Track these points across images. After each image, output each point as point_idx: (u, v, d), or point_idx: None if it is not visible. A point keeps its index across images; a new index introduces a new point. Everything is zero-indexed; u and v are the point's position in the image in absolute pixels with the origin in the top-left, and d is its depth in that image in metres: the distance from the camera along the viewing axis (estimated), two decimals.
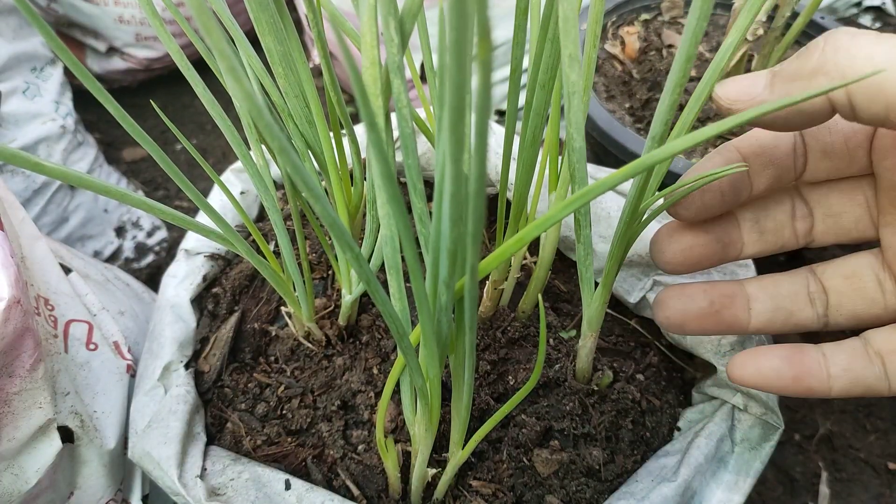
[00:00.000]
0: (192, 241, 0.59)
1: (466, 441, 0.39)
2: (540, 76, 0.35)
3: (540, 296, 0.38)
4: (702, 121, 0.84)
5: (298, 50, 0.38)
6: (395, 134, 0.58)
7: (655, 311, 0.42)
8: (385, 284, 0.33)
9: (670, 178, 0.46)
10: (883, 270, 0.37)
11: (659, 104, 0.34)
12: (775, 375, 0.37)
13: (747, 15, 0.31)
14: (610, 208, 0.58)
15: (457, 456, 0.39)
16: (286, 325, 0.54)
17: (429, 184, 0.65)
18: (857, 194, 0.38)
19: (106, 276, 0.68)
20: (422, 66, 1.09)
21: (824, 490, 0.72)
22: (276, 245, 0.58)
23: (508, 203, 0.46)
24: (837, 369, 0.36)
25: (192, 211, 1.06)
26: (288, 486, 0.43)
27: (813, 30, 0.95)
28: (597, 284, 0.43)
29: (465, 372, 0.33)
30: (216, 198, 0.62)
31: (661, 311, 0.41)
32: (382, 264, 0.36)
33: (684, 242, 0.39)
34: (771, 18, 0.83)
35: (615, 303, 0.57)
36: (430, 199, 0.59)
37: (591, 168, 0.62)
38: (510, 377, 0.49)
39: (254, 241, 0.59)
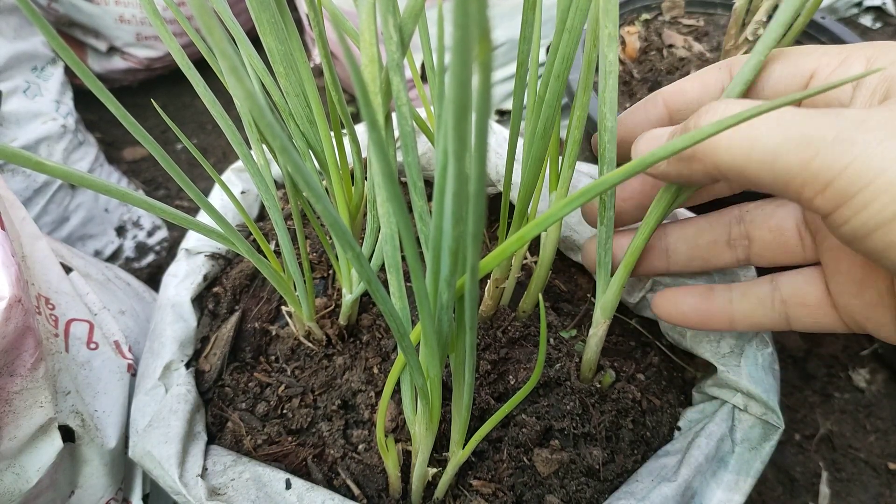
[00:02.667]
0: (192, 240, 0.59)
1: (467, 440, 0.39)
2: (556, 66, 0.36)
3: (541, 295, 0.38)
4: None
5: (299, 49, 0.38)
6: (396, 133, 0.58)
7: (584, 256, 0.47)
8: (385, 284, 0.33)
9: None
10: (805, 228, 0.41)
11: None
12: (691, 313, 0.43)
13: (779, 24, 0.31)
14: None
15: (457, 455, 0.39)
16: (287, 324, 0.54)
17: (428, 183, 0.65)
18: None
19: (107, 276, 0.68)
20: (422, 65, 1.09)
21: (824, 490, 0.72)
22: (277, 244, 0.58)
23: (510, 203, 0.46)
24: (740, 315, 0.42)
25: (193, 210, 1.06)
26: (288, 485, 0.43)
27: (813, 29, 0.95)
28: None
29: (465, 371, 0.33)
30: (217, 197, 0.62)
31: (585, 256, 0.46)
32: (383, 264, 0.36)
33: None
34: (771, 18, 0.83)
35: None
36: (429, 198, 0.59)
37: (593, 168, 0.62)
38: (511, 377, 0.49)
39: (254, 240, 0.59)
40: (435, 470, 0.41)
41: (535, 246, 0.59)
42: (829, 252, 0.38)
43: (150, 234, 1.04)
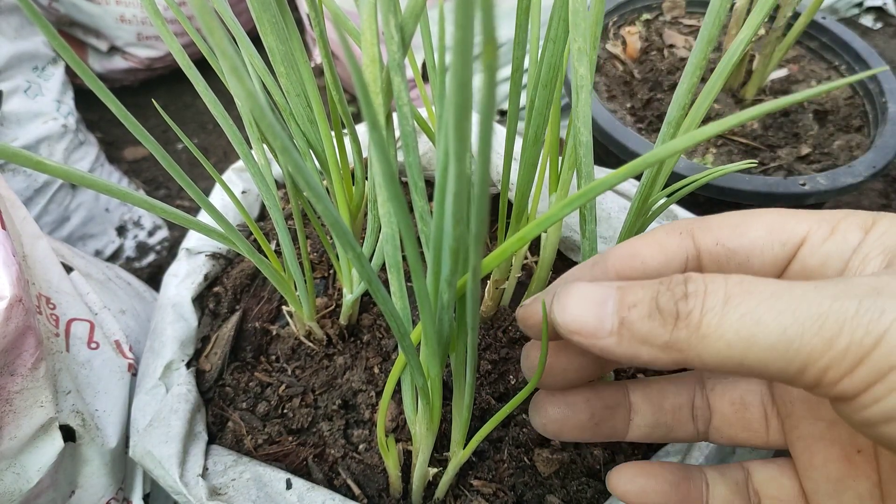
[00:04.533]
0: (193, 240, 0.59)
1: (468, 441, 0.38)
2: (542, 75, 0.35)
3: None
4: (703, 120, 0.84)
5: (300, 49, 0.38)
6: (397, 133, 0.58)
7: (532, 414, 0.38)
8: (386, 283, 0.33)
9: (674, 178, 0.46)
10: (772, 406, 0.35)
11: (678, 87, 0.34)
12: (660, 500, 0.35)
13: (759, 13, 0.31)
14: (610, 209, 0.58)
15: (458, 455, 0.39)
16: (287, 324, 0.54)
17: (429, 183, 0.65)
18: None
19: (107, 275, 0.68)
20: (423, 65, 1.09)
21: None
22: (278, 244, 0.58)
23: (510, 203, 0.46)
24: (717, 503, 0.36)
25: (194, 210, 1.07)
26: (289, 485, 0.43)
27: (814, 30, 0.95)
28: None
29: (466, 371, 0.33)
30: (217, 197, 0.62)
31: (538, 417, 0.37)
32: (384, 264, 0.36)
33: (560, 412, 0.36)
34: (772, 18, 0.83)
35: None
36: (430, 198, 0.59)
37: (599, 171, 0.62)
38: (511, 377, 0.49)
39: (255, 240, 0.59)
40: (435, 470, 0.41)
41: (535, 246, 0.59)
42: (802, 442, 0.33)
43: (150, 233, 1.04)
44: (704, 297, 0.25)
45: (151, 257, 1.02)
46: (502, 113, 1.20)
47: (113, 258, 0.99)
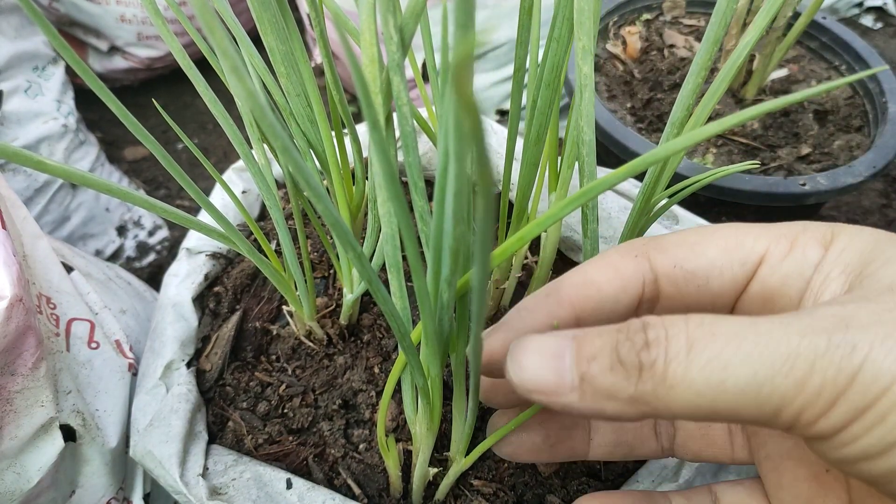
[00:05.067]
0: (193, 239, 0.59)
1: (470, 449, 0.39)
2: (545, 75, 0.35)
3: None
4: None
5: (300, 49, 0.38)
6: (397, 133, 0.58)
7: (488, 435, 0.38)
8: (386, 283, 0.33)
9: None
10: (736, 424, 0.35)
11: (682, 88, 0.34)
12: None
13: (766, 15, 0.31)
14: (610, 209, 0.58)
15: (459, 463, 0.39)
16: (287, 323, 0.54)
17: (429, 183, 0.65)
18: None
19: (107, 275, 0.68)
20: (423, 65, 1.09)
21: None
22: (278, 244, 0.58)
23: (510, 203, 0.46)
24: None
25: (194, 210, 1.07)
26: (289, 485, 0.43)
27: (814, 30, 0.95)
28: None
29: (466, 371, 0.33)
30: (218, 197, 0.62)
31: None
32: (384, 264, 0.36)
33: (521, 441, 0.36)
34: (773, 18, 0.83)
35: None
36: (430, 198, 0.59)
37: (599, 171, 0.62)
38: None
39: (255, 239, 0.59)
40: (436, 470, 0.42)
41: (535, 246, 0.59)
42: (769, 461, 0.32)
43: (150, 233, 1.04)
44: (667, 344, 0.23)
45: (152, 257, 1.02)
46: (503, 113, 1.20)
47: (113, 258, 0.99)
